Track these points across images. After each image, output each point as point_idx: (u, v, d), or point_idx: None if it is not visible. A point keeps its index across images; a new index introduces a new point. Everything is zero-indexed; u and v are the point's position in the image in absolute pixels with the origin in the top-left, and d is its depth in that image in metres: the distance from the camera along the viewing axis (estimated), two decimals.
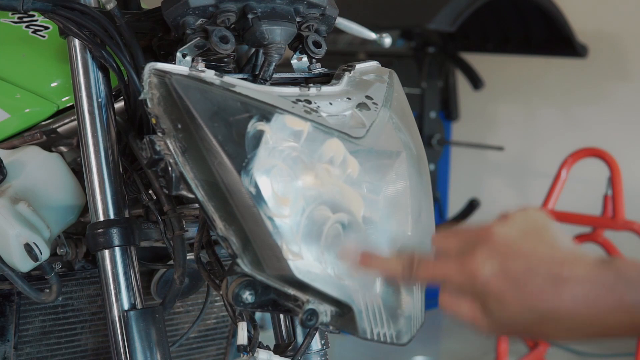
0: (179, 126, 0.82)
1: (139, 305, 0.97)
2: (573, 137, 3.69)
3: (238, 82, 0.87)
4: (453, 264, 0.72)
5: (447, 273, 0.72)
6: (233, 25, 0.93)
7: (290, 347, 1.04)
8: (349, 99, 0.93)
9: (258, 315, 1.03)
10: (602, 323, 0.68)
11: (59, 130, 1.08)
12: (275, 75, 0.97)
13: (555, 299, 0.68)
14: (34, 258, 1.00)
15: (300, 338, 1.05)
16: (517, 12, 3.38)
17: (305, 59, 1.02)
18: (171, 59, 0.90)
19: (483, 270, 0.70)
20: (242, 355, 0.98)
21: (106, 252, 0.96)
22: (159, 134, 0.83)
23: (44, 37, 1.16)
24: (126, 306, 0.96)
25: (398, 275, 0.76)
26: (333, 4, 1.01)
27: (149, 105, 0.83)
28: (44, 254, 1.01)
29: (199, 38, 0.91)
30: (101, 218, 0.97)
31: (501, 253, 0.70)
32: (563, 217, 2.73)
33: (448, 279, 0.72)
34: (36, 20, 1.18)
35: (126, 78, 0.98)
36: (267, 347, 1.00)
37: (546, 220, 0.73)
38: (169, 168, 0.82)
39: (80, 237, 1.11)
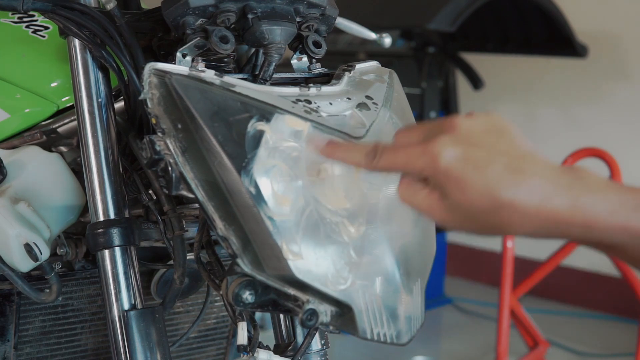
0: (179, 126, 0.82)
1: (139, 305, 0.97)
2: (573, 137, 3.69)
3: (238, 82, 0.87)
4: (415, 149, 0.73)
5: (408, 158, 0.73)
6: (233, 25, 0.93)
7: (290, 347, 1.05)
8: (349, 99, 0.93)
9: (258, 315, 1.03)
10: (555, 219, 0.69)
11: (59, 130, 1.08)
12: (275, 75, 0.97)
13: (513, 188, 0.69)
14: (34, 258, 1.00)
15: (300, 338, 1.05)
16: (517, 12, 3.38)
17: (305, 59, 1.02)
18: (171, 59, 0.90)
19: (445, 153, 0.71)
20: (242, 355, 0.98)
21: (106, 252, 0.96)
22: (159, 134, 0.83)
23: (44, 37, 1.16)
24: (126, 306, 0.96)
25: (361, 162, 0.77)
26: (333, 4, 1.01)
27: (149, 105, 0.83)
28: (44, 254, 1.01)
29: (199, 38, 0.91)
30: (101, 218, 0.97)
31: (463, 141, 0.71)
32: None
33: (409, 164, 0.73)
34: (36, 20, 1.18)
35: (126, 78, 0.98)
36: (267, 347, 1.00)
37: (509, 124, 0.75)
38: (169, 168, 0.82)
39: (80, 237, 1.11)
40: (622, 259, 0.72)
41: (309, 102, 0.89)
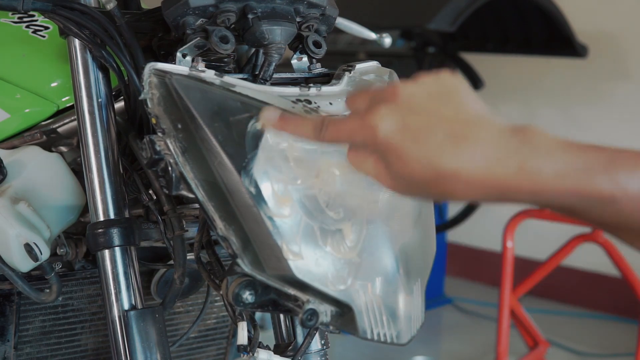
0: (179, 126, 0.82)
1: (139, 305, 0.97)
2: (573, 137, 3.67)
3: (238, 82, 0.87)
4: (356, 120, 0.71)
5: (351, 130, 0.72)
6: (233, 25, 0.93)
7: (290, 347, 1.05)
8: None
9: (258, 315, 1.03)
10: (500, 187, 0.67)
11: (59, 130, 1.08)
12: (275, 75, 0.97)
13: (454, 157, 0.67)
14: (34, 258, 1.00)
15: (300, 338, 1.05)
16: (517, 12, 3.38)
17: (305, 59, 1.02)
18: (171, 59, 0.90)
19: (382, 124, 0.69)
20: (242, 355, 0.98)
21: (106, 252, 0.96)
22: (159, 134, 0.83)
23: (44, 37, 1.16)
24: (126, 306, 0.96)
25: (310, 136, 0.76)
26: (333, 4, 1.01)
27: (149, 105, 0.83)
28: (44, 254, 1.01)
29: (199, 38, 0.91)
30: (101, 218, 0.97)
31: (403, 109, 0.69)
32: (563, 218, 2.73)
33: (352, 136, 0.72)
34: (36, 20, 1.18)
35: (126, 78, 0.98)
36: (267, 347, 1.00)
37: (459, 85, 0.72)
38: (169, 168, 0.82)
39: (80, 237, 1.11)
40: (577, 219, 0.69)
41: (309, 102, 0.89)
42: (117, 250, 0.96)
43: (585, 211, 0.68)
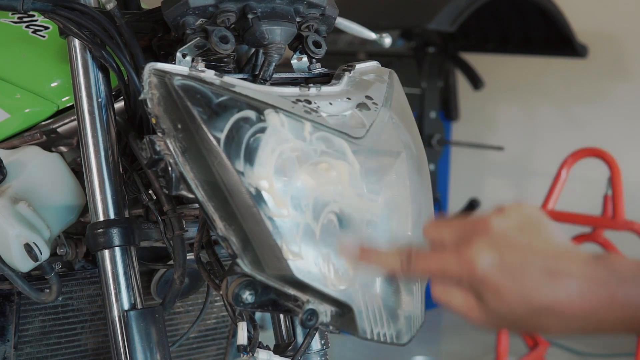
0: (179, 126, 0.82)
1: (139, 305, 0.97)
2: (573, 137, 3.69)
3: (238, 82, 0.87)
4: (450, 255, 0.72)
5: (444, 265, 0.72)
6: (233, 25, 0.93)
7: (290, 347, 1.05)
8: (349, 99, 0.93)
9: (258, 315, 1.03)
10: (595, 318, 0.69)
11: (59, 130, 1.08)
12: (275, 75, 0.97)
13: (551, 292, 0.69)
14: (34, 258, 1.00)
15: (300, 338, 1.05)
16: (517, 12, 3.38)
17: (305, 59, 1.02)
18: (171, 59, 0.90)
19: (481, 261, 0.70)
20: (242, 355, 0.98)
21: (106, 252, 0.96)
22: (159, 134, 0.83)
23: (44, 37, 1.16)
24: (126, 306, 0.96)
25: (397, 269, 0.76)
26: (333, 4, 1.01)
27: (149, 105, 0.83)
28: (44, 254, 1.01)
29: (199, 38, 0.91)
30: (101, 218, 0.97)
31: (499, 244, 0.70)
32: (563, 217, 2.73)
33: (445, 271, 0.72)
34: (36, 20, 1.18)
35: (126, 78, 0.98)
36: (267, 347, 1.00)
37: (541, 216, 0.74)
38: (169, 168, 0.82)
39: (80, 237, 1.11)
40: None
41: (309, 102, 0.89)
42: (117, 250, 0.96)
43: None
